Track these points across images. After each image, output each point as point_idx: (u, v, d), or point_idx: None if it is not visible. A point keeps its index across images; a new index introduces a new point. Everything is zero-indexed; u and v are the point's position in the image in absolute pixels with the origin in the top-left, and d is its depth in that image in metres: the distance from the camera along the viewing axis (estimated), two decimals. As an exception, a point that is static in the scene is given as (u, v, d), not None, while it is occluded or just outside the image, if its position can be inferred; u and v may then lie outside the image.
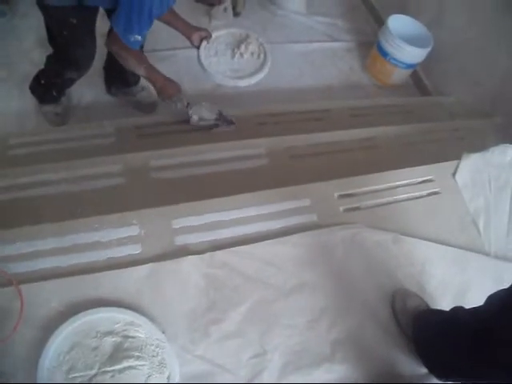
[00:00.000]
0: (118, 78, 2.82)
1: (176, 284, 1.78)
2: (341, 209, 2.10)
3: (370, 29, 3.86)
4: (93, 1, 2.12)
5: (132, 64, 2.21)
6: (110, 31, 2.12)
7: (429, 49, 3.21)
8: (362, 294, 1.91)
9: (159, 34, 2.76)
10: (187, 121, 2.41)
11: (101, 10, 2.25)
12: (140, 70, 2.25)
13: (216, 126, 2.44)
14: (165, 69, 2.34)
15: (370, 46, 3.53)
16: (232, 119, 2.45)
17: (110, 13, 2.27)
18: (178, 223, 1.93)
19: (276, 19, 3.66)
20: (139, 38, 2.05)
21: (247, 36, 2.78)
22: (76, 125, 2.77)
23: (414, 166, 2.36)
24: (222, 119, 2.44)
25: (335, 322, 1.83)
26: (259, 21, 3.54)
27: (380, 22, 3.74)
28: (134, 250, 1.85)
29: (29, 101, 2.85)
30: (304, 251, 1.92)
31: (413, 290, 1.96)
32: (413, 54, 3.22)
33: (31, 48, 3.15)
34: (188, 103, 2.36)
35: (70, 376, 1.54)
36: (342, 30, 3.77)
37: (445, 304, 1.94)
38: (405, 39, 3.16)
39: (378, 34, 3.40)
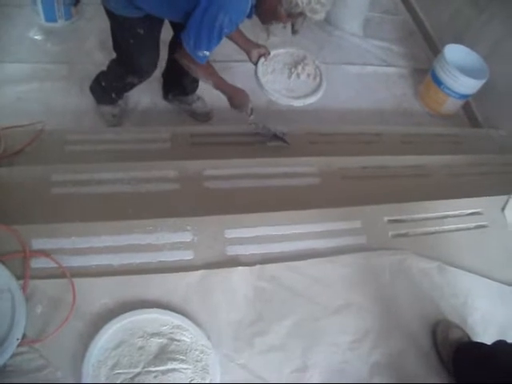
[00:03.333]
0: (175, 85, 2.88)
1: (225, 293, 1.81)
2: (389, 234, 2.12)
3: (424, 56, 3.86)
4: (162, 14, 2.19)
5: (202, 76, 2.30)
6: (176, 43, 2.18)
7: (484, 80, 3.20)
8: (405, 320, 1.92)
9: (217, 46, 2.82)
10: (241, 133, 2.46)
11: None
12: (210, 82, 2.31)
13: (269, 141, 2.49)
14: (221, 80, 2.39)
15: (423, 73, 3.55)
16: (287, 140, 2.50)
17: (174, 23, 2.35)
18: (230, 233, 1.97)
19: (332, 40, 3.71)
20: (207, 53, 2.11)
21: (304, 57, 2.81)
22: (132, 127, 2.85)
23: (463, 197, 2.38)
24: (279, 135, 2.50)
25: (377, 345, 1.84)
26: (316, 40, 3.61)
27: (435, 50, 3.76)
28: (186, 255, 1.89)
29: (87, 100, 2.93)
30: (352, 272, 1.94)
31: (455, 321, 1.96)
32: (467, 85, 3.22)
33: (93, 49, 3.26)
34: (252, 109, 2.42)
35: (114, 372, 1.58)
36: (396, 56, 3.79)
37: (487, 338, 1.93)
38: (460, 69, 3.16)
39: (432, 61, 3.41)
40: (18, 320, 1.58)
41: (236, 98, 2.38)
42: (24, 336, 1.59)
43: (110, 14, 2.23)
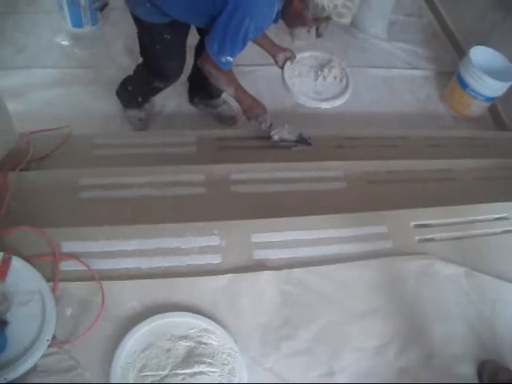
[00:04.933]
0: (201, 89, 2.90)
1: (252, 297, 1.82)
2: (416, 238, 2.11)
3: (449, 58, 3.84)
4: (188, 19, 2.21)
5: (222, 84, 2.28)
6: (202, 48, 2.20)
7: (510, 82, 3.17)
8: (431, 326, 1.91)
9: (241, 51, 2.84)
10: (267, 137, 2.47)
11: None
12: (229, 90, 2.31)
13: (295, 145, 2.49)
14: (245, 84, 2.40)
15: (448, 75, 3.53)
16: (310, 141, 2.50)
17: (200, 29, 2.36)
18: (257, 237, 1.98)
19: (357, 42, 3.72)
20: (231, 59, 2.11)
21: (330, 60, 2.82)
22: (159, 131, 2.88)
23: (489, 201, 2.35)
24: (301, 141, 2.49)
25: (403, 350, 1.83)
26: (340, 43, 3.61)
27: (460, 52, 3.73)
28: (214, 259, 1.90)
29: (114, 104, 2.98)
30: (378, 277, 1.94)
31: (484, 329, 1.94)
32: (493, 87, 3.20)
33: (119, 54, 3.31)
34: (271, 123, 2.42)
35: (142, 374, 1.60)
36: (421, 58, 3.78)
37: (515, 344, 1.92)
38: (486, 72, 3.14)
39: (458, 64, 3.39)
40: (48, 321, 1.61)
41: (252, 110, 2.38)
42: (54, 337, 1.61)
43: (137, 20, 2.26)
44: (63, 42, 3.34)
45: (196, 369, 1.62)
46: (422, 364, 1.82)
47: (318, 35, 2.25)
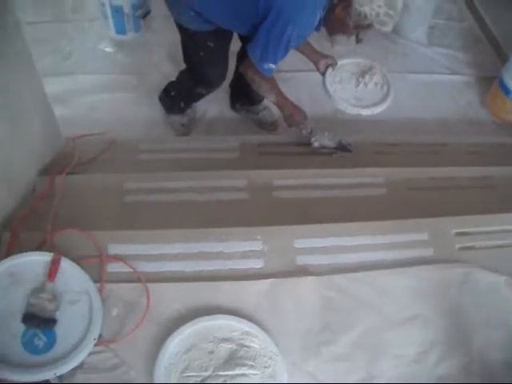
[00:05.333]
0: (243, 95, 2.94)
1: (293, 302, 1.85)
2: (456, 246, 2.10)
3: (491, 63, 3.77)
4: (231, 27, 2.25)
5: (264, 90, 2.32)
6: (244, 55, 2.23)
7: (555, 89, 3.13)
8: (471, 334, 1.89)
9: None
10: (307, 144, 2.49)
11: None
12: (271, 96, 2.35)
13: (335, 152, 2.51)
14: (286, 90, 2.43)
15: (490, 81, 3.46)
16: (350, 148, 2.51)
17: (242, 35, 2.40)
18: (299, 243, 2.00)
19: (397, 48, 3.69)
20: (273, 66, 2.15)
21: (371, 66, 2.83)
22: (201, 136, 2.93)
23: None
24: (341, 148, 2.51)
25: (443, 359, 1.82)
26: (380, 48, 3.59)
27: (502, 57, 3.67)
28: (257, 264, 1.94)
29: (156, 109, 3.04)
30: (419, 284, 1.94)
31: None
32: (537, 94, 3.15)
33: (161, 61, 3.37)
34: (311, 130, 2.44)
35: (185, 375, 1.64)
36: (462, 63, 3.72)
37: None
38: (530, 77, 3.10)
39: (500, 69, 3.34)
40: (95, 321, 1.66)
41: (293, 116, 2.41)
42: (100, 336, 1.67)
43: (181, 28, 2.31)
44: (107, 49, 3.43)
45: (237, 371, 1.66)
46: (461, 372, 1.81)
47: (358, 41, 2.26)
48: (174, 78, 2.83)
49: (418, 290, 1.93)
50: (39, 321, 1.59)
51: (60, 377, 1.56)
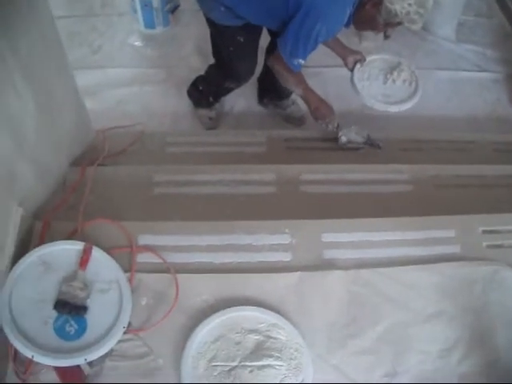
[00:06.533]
0: (271, 90, 2.95)
1: (320, 295, 1.86)
2: (484, 244, 2.09)
3: (520, 61, 3.75)
4: (261, 22, 2.27)
5: (291, 84, 2.34)
6: (273, 50, 2.25)
7: None
8: (496, 332, 1.88)
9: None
10: (335, 139, 2.50)
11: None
12: (298, 90, 2.37)
13: (362, 148, 2.52)
14: (313, 85, 2.44)
15: (519, 78, 3.46)
16: (379, 144, 2.51)
17: (271, 30, 2.41)
18: (327, 237, 2.02)
19: (425, 44, 3.67)
20: (302, 61, 2.17)
21: (399, 63, 2.80)
22: (229, 130, 2.95)
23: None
24: (369, 143, 2.51)
25: (467, 356, 1.82)
26: (408, 45, 3.57)
27: (532, 55, 3.65)
28: (284, 257, 1.95)
29: (184, 102, 3.07)
30: (445, 281, 1.94)
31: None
32: None
33: (189, 54, 3.40)
34: (338, 125, 2.45)
35: (212, 364, 1.67)
36: (490, 60, 3.69)
37: None
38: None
39: (530, 67, 3.32)
40: (125, 309, 1.68)
41: (320, 110, 2.41)
42: (129, 325, 1.69)
43: (211, 23, 2.33)
44: (136, 43, 3.47)
45: (264, 362, 1.68)
46: (484, 371, 1.81)
47: (386, 37, 2.26)
48: (202, 72, 2.85)
49: (443, 286, 1.93)
50: (71, 308, 1.61)
51: (90, 363, 1.59)
